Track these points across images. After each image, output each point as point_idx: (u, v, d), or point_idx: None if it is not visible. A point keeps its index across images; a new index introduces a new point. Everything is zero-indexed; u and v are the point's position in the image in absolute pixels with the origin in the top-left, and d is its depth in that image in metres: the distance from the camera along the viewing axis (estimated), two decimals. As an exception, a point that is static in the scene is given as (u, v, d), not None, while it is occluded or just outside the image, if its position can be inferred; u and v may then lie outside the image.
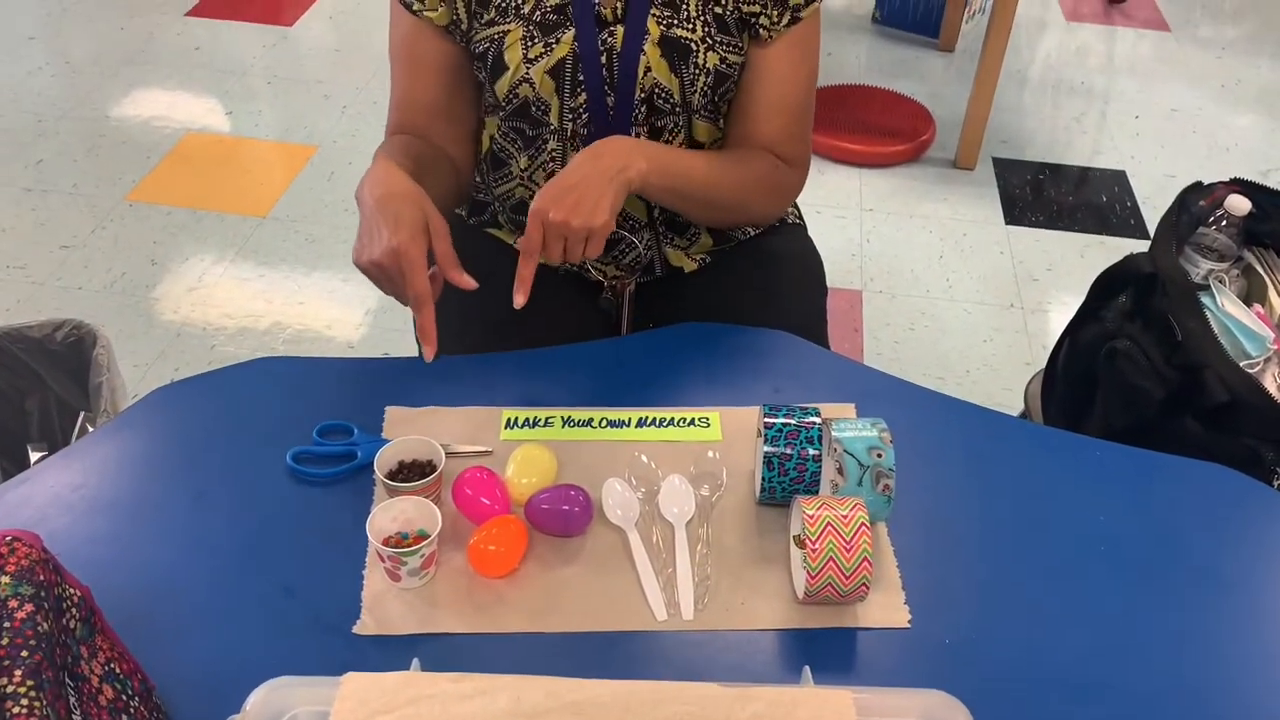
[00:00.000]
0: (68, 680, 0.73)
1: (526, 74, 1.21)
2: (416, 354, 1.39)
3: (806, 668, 0.81)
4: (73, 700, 0.72)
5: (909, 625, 0.95)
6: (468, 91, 1.28)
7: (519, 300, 1.13)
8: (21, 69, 3.19)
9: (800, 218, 1.51)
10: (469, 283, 1.10)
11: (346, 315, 2.38)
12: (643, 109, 1.23)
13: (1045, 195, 2.90)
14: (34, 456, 1.56)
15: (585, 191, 1.10)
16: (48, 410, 1.60)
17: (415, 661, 0.81)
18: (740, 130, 1.29)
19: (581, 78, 1.21)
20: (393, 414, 1.14)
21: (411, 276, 1.06)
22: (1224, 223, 1.53)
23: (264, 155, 2.90)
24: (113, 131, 2.94)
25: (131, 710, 0.80)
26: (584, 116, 1.24)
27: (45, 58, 3.26)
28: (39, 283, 2.42)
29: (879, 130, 3.02)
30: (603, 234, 1.12)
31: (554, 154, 1.27)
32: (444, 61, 1.24)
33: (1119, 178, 2.98)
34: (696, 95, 1.23)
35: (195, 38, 3.40)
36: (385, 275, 1.07)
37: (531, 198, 1.33)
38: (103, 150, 2.86)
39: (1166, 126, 3.22)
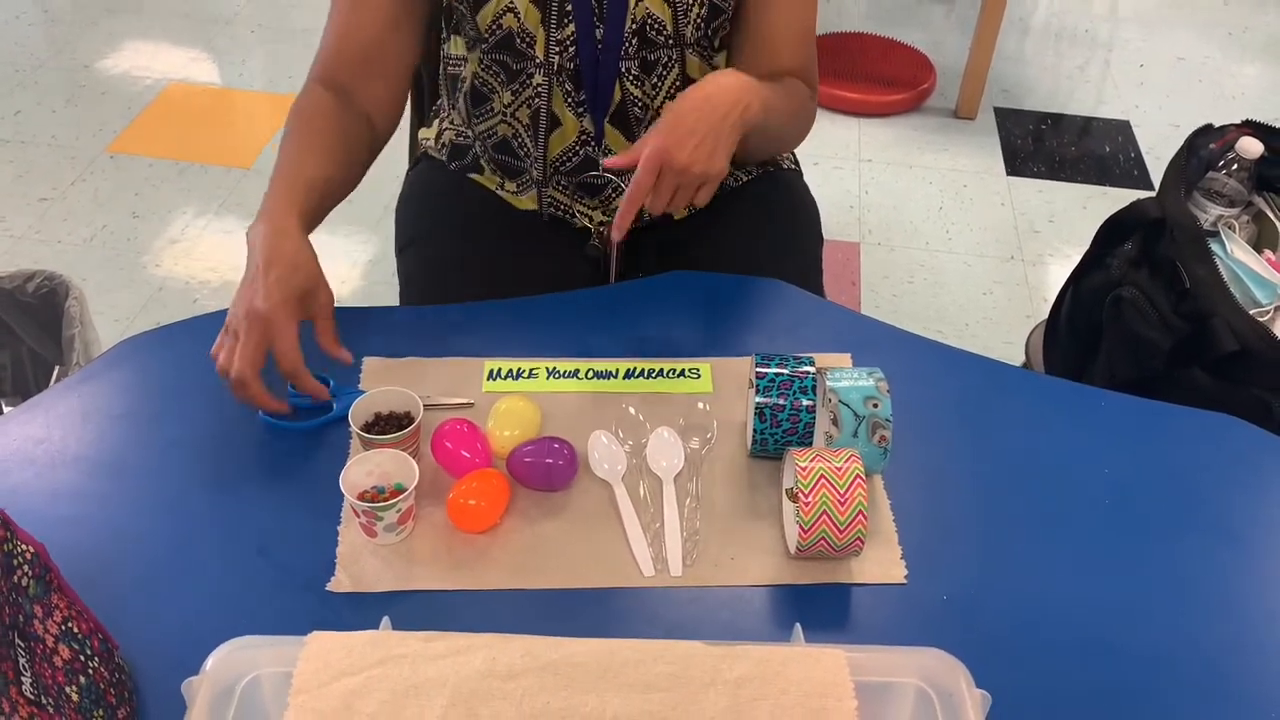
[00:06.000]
0: (18, 640, 0.70)
1: (511, 3, 1.15)
2: (396, 304, 1.34)
3: (798, 625, 0.77)
4: (22, 661, 0.69)
5: (905, 581, 0.92)
6: (410, 32, 1.21)
7: (616, 237, 1.11)
8: (-1, 18, 3.11)
9: (796, 163, 1.46)
10: (346, 356, 1.04)
11: (332, 269, 2.30)
12: (634, 41, 1.18)
13: (1047, 146, 2.84)
14: (7, 412, 1.52)
15: (706, 135, 1.06)
16: (20, 364, 1.55)
17: (385, 620, 0.77)
18: (765, 64, 1.22)
19: (569, 7, 1.15)
20: (370, 365, 1.10)
21: (279, 343, 0.98)
22: (1234, 166, 1.48)
23: (248, 106, 2.83)
24: (93, 82, 2.87)
25: (90, 671, 0.76)
26: (571, 49, 1.18)
27: (23, 5, 3.18)
28: (17, 236, 2.36)
29: (878, 79, 2.95)
30: (718, 180, 1.10)
31: (539, 89, 1.22)
32: None
33: (1123, 128, 2.92)
34: (690, 27, 1.18)
35: (177, -15, 3.31)
36: (248, 335, 0.98)
37: (514, 136, 1.27)
38: (83, 101, 2.80)
39: (1172, 75, 3.16)
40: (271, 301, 0.97)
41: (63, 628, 0.75)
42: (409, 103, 1.52)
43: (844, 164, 2.73)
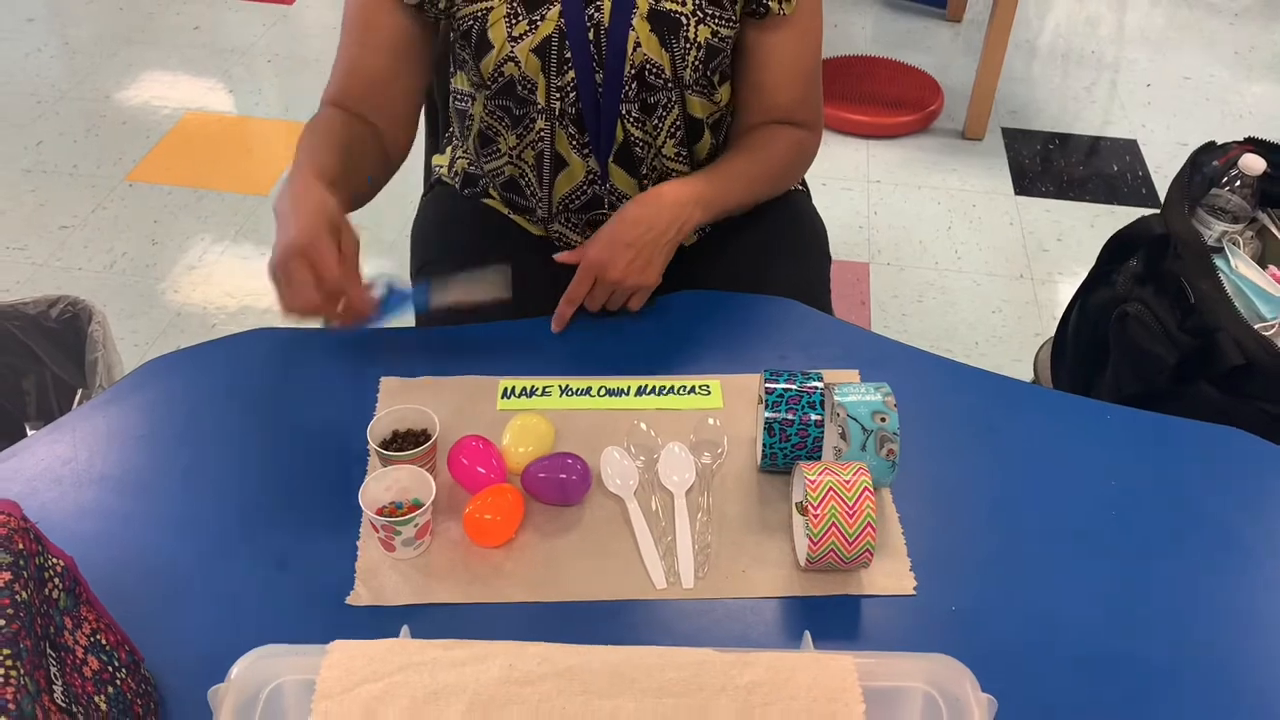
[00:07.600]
0: (49, 651, 0.72)
1: (511, 53, 1.18)
2: (413, 324, 1.37)
3: (807, 633, 0.79)
4: (54, 670, 0.71)
5: (914, 592, 0.93)
6: (415, 65, 1.24)
7: (556, 328, 1.18)
8: (20, 50, 3.17)
9: (804, 184, 1.48)
10: (368, 299, 1.05)
11: (348, 293, 2.36)
12: (633, 85, 1.20)
13: (1055, 165, 2.86)
14: (34, 433, 1.55)
15: (641, 251, 1.15)
16: (44, 389, 1.58)
17: (405, 629, 0.79)
18: (757, 103, 1.28)
19: (568, 55, 1.18)
20: (388, 384, 1.12)
21: (321, 267, 0.98)
22: (1238, 183, 1.49)
23: (265, 134, 2.88)
24: (112, 112, 2.92)
25: (118, 682, 0.78)
26: (572, 95, 1.21)
27: (44, 38, 3.24)
28: (39, 263, 2.41)
29: (886, 101, 2.98)
30: (650, 290, 1.18)
31: (542, 133, 1.25)
32: (396, 34, 1.20)
33: (1130, 147, 2.94)
34: (688, 70, 1.20)
35: (195, 17, 3.37)
36: (297, 271, 0.99)
37: (521, 176, 1.30)
38: (102, 130, 2.84)
39: (1179, 95, 3.18)
40: (305, 232, 0.98)
41: (91, 639, 0.77)
42: (423, 129, 1.55)
43: (853, 185, 2.76)
